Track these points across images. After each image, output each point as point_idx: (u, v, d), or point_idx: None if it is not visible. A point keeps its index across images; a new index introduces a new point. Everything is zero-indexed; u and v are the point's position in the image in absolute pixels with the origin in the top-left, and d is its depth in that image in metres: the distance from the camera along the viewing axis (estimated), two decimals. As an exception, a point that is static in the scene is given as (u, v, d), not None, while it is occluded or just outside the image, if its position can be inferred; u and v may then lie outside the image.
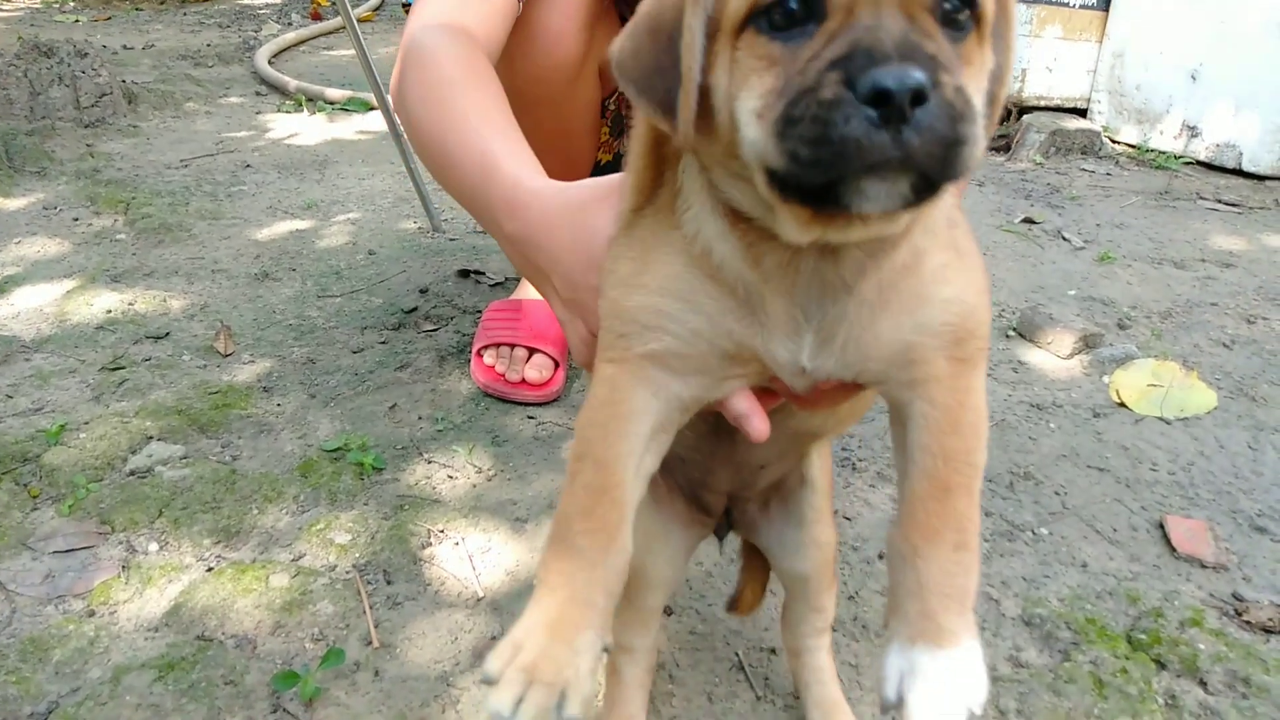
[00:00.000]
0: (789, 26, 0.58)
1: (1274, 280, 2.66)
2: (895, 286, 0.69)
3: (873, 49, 0.53)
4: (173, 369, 1.97)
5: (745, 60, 0.59)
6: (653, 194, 0.74)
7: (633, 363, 0.72)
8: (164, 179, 3.13)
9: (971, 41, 0.61)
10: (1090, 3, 3.91)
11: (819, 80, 0.54)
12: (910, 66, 0.52)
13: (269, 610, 1.34)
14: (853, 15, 0.56)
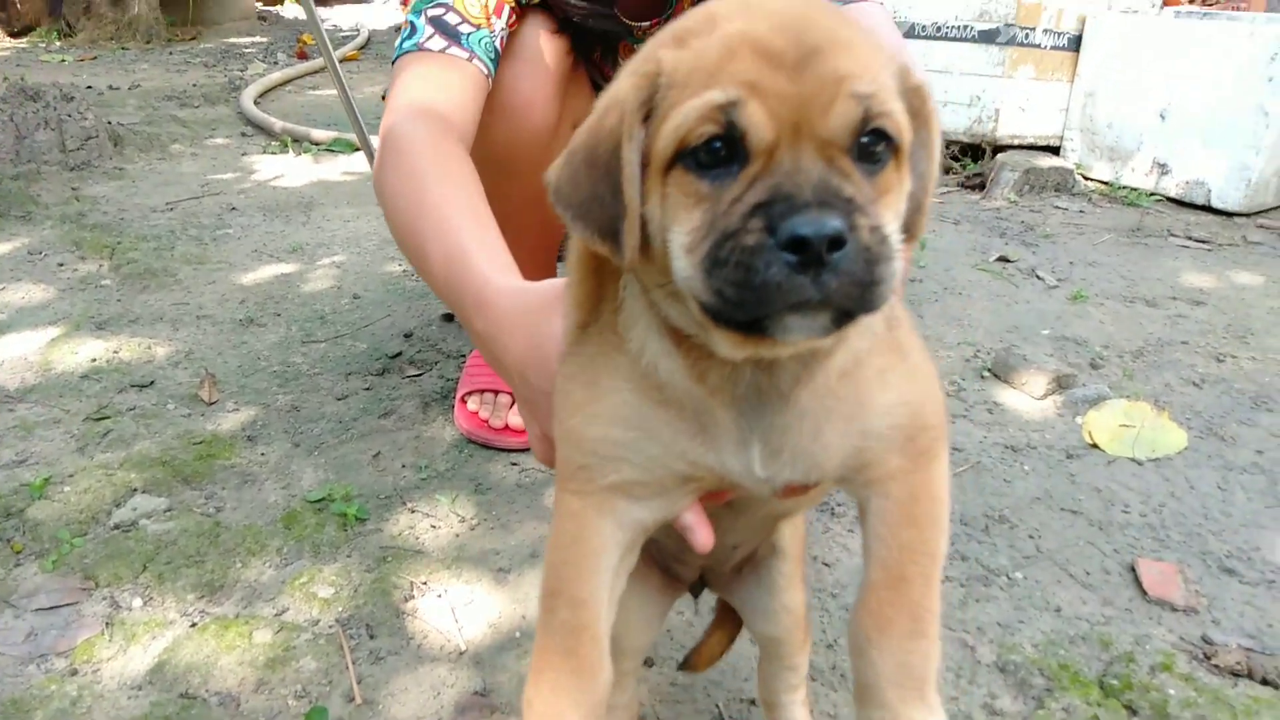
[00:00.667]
0: (715, 165, 0.61)
1: (1242, 318, 2.72)
2: (836, 394, 0.71)
3: (792, 195, 0.56)
4: (157, 418, 1.98)
5: (675, 195, 0.62)
6: (596, 308, 0.76)
7: (596, 495, 0.74)
8: (149, 223, 3.15)
9: (890, 169, 0.63)
10: (1061, 44, 4.00)
11: (742, 225, 0.57)
12: (827, 214, 0.56)
13: (252, 667, 1.35)
14: (774, 159, 0.58)
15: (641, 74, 0.63)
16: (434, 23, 1.48)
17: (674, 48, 0.63)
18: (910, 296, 2.77)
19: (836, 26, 0.61)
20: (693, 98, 0.59)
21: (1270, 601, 1.53)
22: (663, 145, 0.61)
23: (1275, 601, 1.53)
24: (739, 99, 0.58)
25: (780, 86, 0.58)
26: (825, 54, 0.59)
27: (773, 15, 0.60)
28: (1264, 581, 1.58)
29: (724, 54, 0.59)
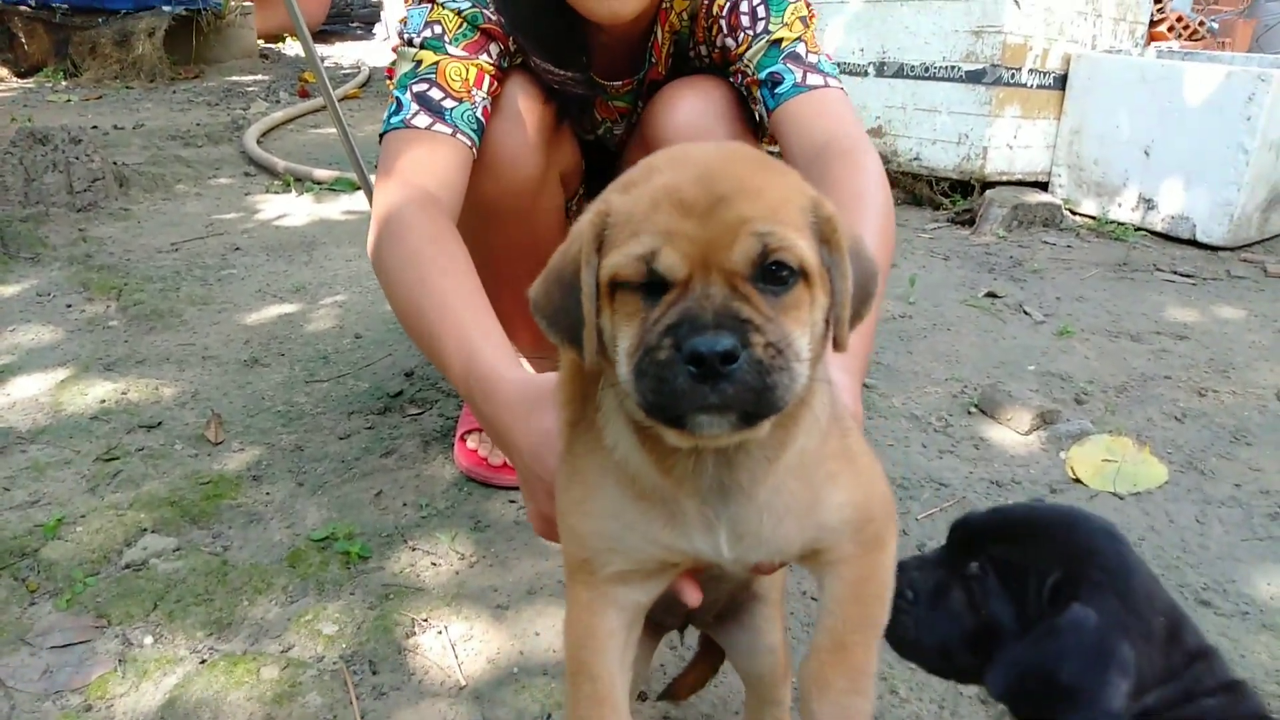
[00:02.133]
0: (647, 296, 0.73)
1: (1224, 352, 2.78)
2: (793, 492, 0.82)
3: (696, 319, 0.68)
4: (165, 459, 2.04)
5: (619, 312, 0.74)
6: (583, 406, 0.87)
7: (600, 587, 0.87)
8: (155, 263, 3.23)
9: (798, 290, 0.73)
10: (1047, 83, 4.11)
11: (658, 342, 0.69)
12: (722, 334, 0.67)
13: (260, 703, 1.40)
14: (688, 286, 0.70)
15: (596, 213, 0.76)
16: (419, 99, 1.56)
17: (620, 193, 0.76)
18: (899, 332, 2.84)
19: (747, 176, 0.73)
20: (626, 242, 0.72)
21: (1244, 633, 1.58)
22: (608, 272, 0.74)
23: (1248, 633, 1.58)
24: (656, 248, 0.70)
25: (691, 231, 0.70)
26: (732, 201, 0.70)
27: (695, 168, 0.73)
28: (1238, 613, 1.63)
29: (650, 205, 0.72)
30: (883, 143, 4.33)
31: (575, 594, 0.88)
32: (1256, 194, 3.70)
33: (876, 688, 0.96)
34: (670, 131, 1.76)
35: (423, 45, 1.59)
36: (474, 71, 1.59)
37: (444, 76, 1.58)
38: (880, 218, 1.36)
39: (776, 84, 1.60)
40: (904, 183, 4.34)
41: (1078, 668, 0.86)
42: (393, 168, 1.50)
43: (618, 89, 1.83)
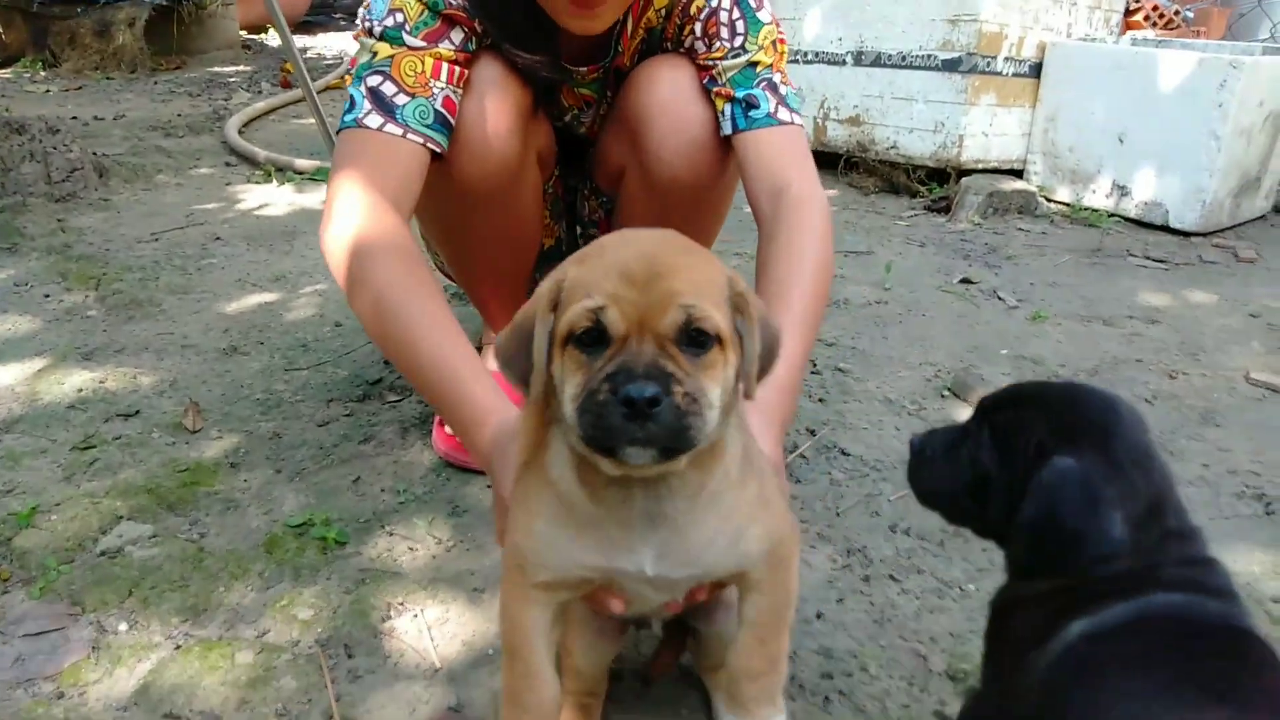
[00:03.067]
0: (592, 345, 0.89)
1: (1195, 336, 2.82)
2: (711, 524, 1.01)
3: (630, 370, 0.85)
4: (143, 447, 2.04)
5: (567, 363, 0.91)
6: (539, 447, 1.04)
7: (529, 588, 1.05)
8: (134, 253, 3.22)
9: (714, 351, 0.90)
10: (1023, 71, 4.13)
11: (598, 387, 0.86)
12: (649, 384, 0.84)
13: (235, 687, 1.41)
14: (625, 344, 0.87)
15: (554, 280, 0.93)
16: (372, 95, 1.57)
17: (576, 265, 0.93)
18: (875, 318, 2.87)
19: (680, 260, 0.90)
20: (579, 301, 0.88)
21: (1206, 609, 1.61)
22: (561, 328, 0.90)
23: (1211, 609, 1.61)
24: (604, 305, 0.87)
25: (632, 297, 0.87)
26: (666, 277, 0.87)
27: (638, 248, 0.91)
28: (1202, 590, 1.66)
29: (601, 274, 0.89)
30: (860, 131, 4.35)
31: (508, 589, 1.07)
32: (1228, 180, 3.74)
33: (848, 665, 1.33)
34: (653, 108, 1.77)
35: (381, 35, 1.59)
36: (430, 63, 1.59)
37: (399, 70, 1.58)
38: (816, 271, 1.53)
39: (752, 106, 1.70)
40: (881, 171, 4.37)
41: (1071, 512, 0.93)
42: (346, 171, 1.53)
43: (584, 75, 1.84)
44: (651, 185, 1.86)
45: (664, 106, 1.77)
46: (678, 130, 1.78)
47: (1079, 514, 0.93)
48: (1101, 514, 0.92)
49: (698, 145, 1.78)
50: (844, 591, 1.64)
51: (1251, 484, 2.00)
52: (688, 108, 1.77)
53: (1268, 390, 2.47)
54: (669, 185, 1.83)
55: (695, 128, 1.77)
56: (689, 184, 1.83)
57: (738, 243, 3.41)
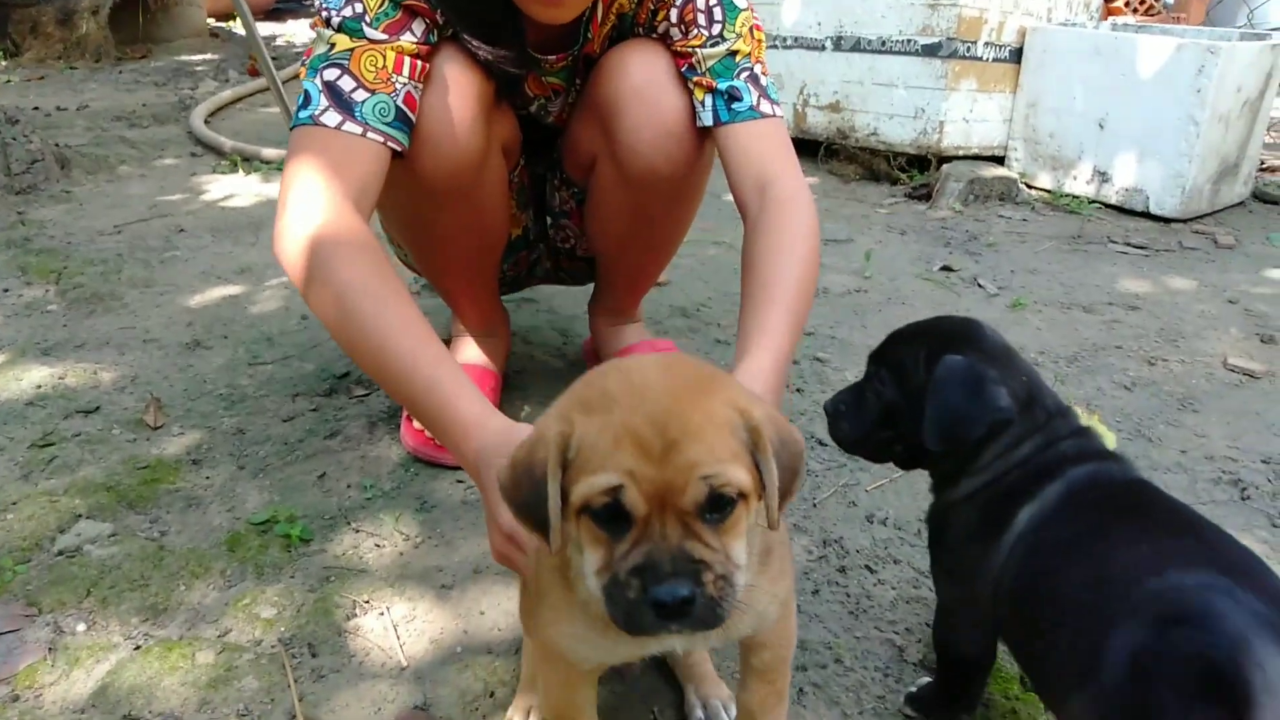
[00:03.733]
0: (610, 520, 0.85)
1: (1175, 322, 2.81)
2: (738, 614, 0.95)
3: (658, 566, 0.82)
4: (102, 444, 1.98)
5: (584, 532, 0.87)
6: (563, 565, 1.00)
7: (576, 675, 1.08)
8: (97, 246, 3.14)
9: (738, 509, 0.86)
10: (1003, 56, 4.11)
11: (626, 580, 0.83)
12: (681, 583, 0.81)
13: (195, 687, 1.36)
14: (648, 525, 0.83)
15: (561, 433, 0.86)
16: (329, 90, 1.49)
17: (583, 415, 0.86)
18: (854, 307, 2.84)
19: (692, 412, 0.84)
20: (594, 474, 0.83)
21: (1187, 596, 1.59)
22: (575, 499, 0.85)
23: (1191, 596, 1.59)
24: (622, 485, 0.82)
25: (650, 474, 0.82)
26: (682, 445, 0.82)
27: (648, 406, 0.84)
28: (1182, 577, 1.65)
29: (613, 443, 0.83)
30: (840, 118, 4.32)
31: (550, 672, 1.09)
32: (1207, 166, 3.74)
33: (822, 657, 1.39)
34: (625, 96, 1.73)
35: (340, 27, 1.51)
36: (392, 57, 1.52)
37: (358, 64, 1.50)
38: (802, 270, 1.49)
39: (734, 99, 1.66)
40: (862, 158, 4.34)
41: (961, 393, 1.13)
42: (301, 171, 1.45)
43: (552, 64, 1.78)
44: (625, 176, 1.81)
45: (637, 94, 1.72)
46: (652, 119, 1.73)
47: (971, 393, 1.13)
48: (989, 390, 1.13)
49: (673, 134, 1.74)
50: (819, 583, 1.61)
51: (1228, 469, 1.99)
52: (662, 95, 1.72)
53: (1245, 376, 2.46)
54: (644, 175, 1.79)
55: (670, 116, 1.73)
56: (665, 174, 1.78)
57: (717, 230, 3.37)
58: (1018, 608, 1.09)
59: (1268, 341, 2.67)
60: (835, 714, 1.34)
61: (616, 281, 2.18)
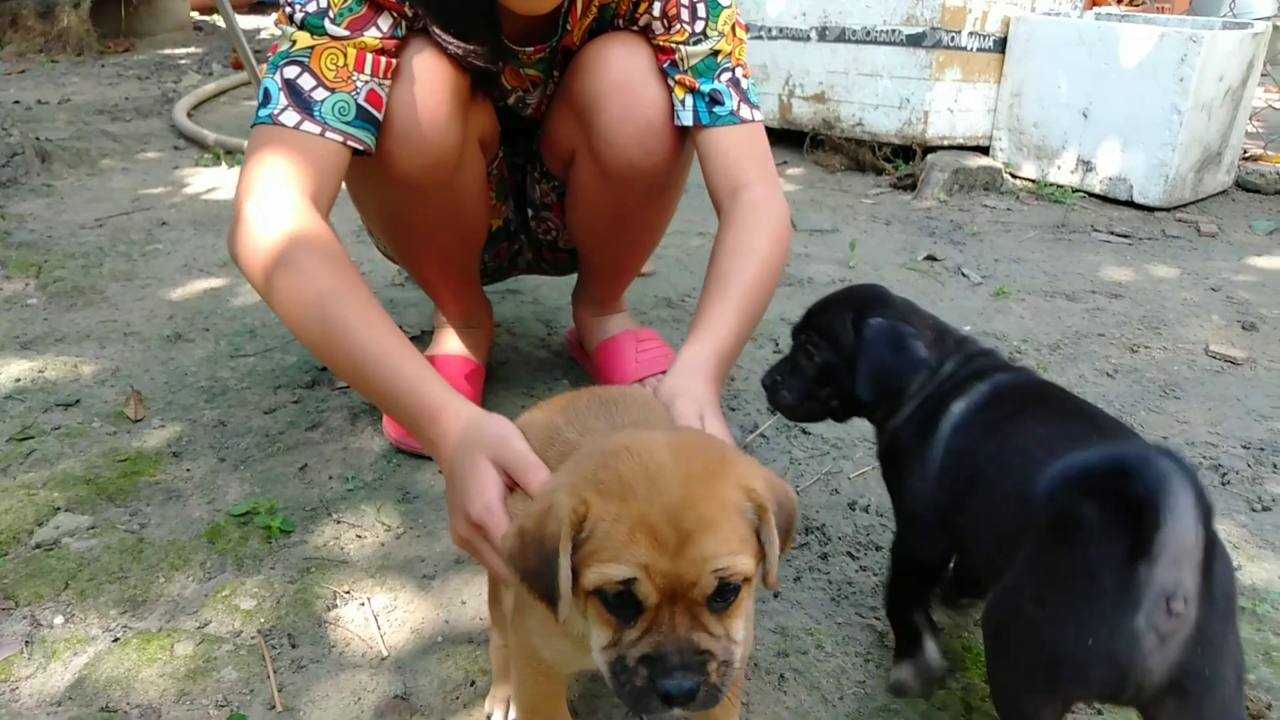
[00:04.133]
0: (621, 606, 0.87)
1: (1157, 309, 2.82)
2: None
3: (665, 659, 0.84)
4: (82, 437, 1.97)
5: (594, 612, 0.89)
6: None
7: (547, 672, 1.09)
8: (78, 240, 3.12)
9: (742, 592, 0.89)
10: (987, 46, 4.11)
11: (634, 668, 0.86)
12: (687, 676, 0.84)
13: (173, 679, 1.36)
14: (659, 614, 0.85)
15: (575, 511, 0.87)
16: (289, 88, 1.48)
17: (599, 498, 0.87)
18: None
19: (705, 508, 0.86)
20: (608, 563, 0.85)
21: (1165, 580, 1.60)
22: (587, 583, 0.86)
23: (1170, 579, 1.60)
24: (636, 577, 0.84)
25: (663, 567, 0.83)
26: (695, 538, 0.84)
27: (663, 497, 0.85)
28: (1161, 561, 1.65)
29: (629, 534, 0.84)
30: (825, 108, 4.32)
31: (528, 672, 1.10)
32: (1190, 155, 3.75)
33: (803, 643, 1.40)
34: (605, 90, 1.72)
35: (302, 24, 1.49)
36: (353, 55, 1.50)
37: (319, 62, 1.49)
38: (761, 268, 1.53)
39: (716, 102, 1.68)
40: (847, 149, 4.34)
41: (888, 350, 1.32)
42: (259, 170, 1.44)
43: (529, 55, 1.77)
44: (604, 171, 1.80)
45: (616, 89, 1.71)
46: (631, 114, 1.72)
47: (896, 349, 1.32)
48: (909, 344, 1.32)
49: (652, 129, 1.73)
50: (801, 569, 1.61)
51: (1209, 455, 2.00)
52: (641, 90, 1.71)
53: (1226, 362, 2.47)
54: (623, 170, 1.78)
55: (649, 111, 1.71)
56: (644, 169, 1.78)
57: (702, 223, 3.37)
58: (955, 479, 1.24)
59: (1249, 329, 2.68)
60: (816, 698, 1.34)
61: (599, 273, 2.18)
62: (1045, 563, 1.02)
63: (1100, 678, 0.96)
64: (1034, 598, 1.02)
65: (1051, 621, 0.99)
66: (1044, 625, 1.00)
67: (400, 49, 1.58)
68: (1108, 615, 0.94)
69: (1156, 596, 0.91)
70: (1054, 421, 1.19)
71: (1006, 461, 1.17)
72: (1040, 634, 1.00)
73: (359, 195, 1.88)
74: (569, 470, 0.94)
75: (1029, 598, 1.03)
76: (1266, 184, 4.07)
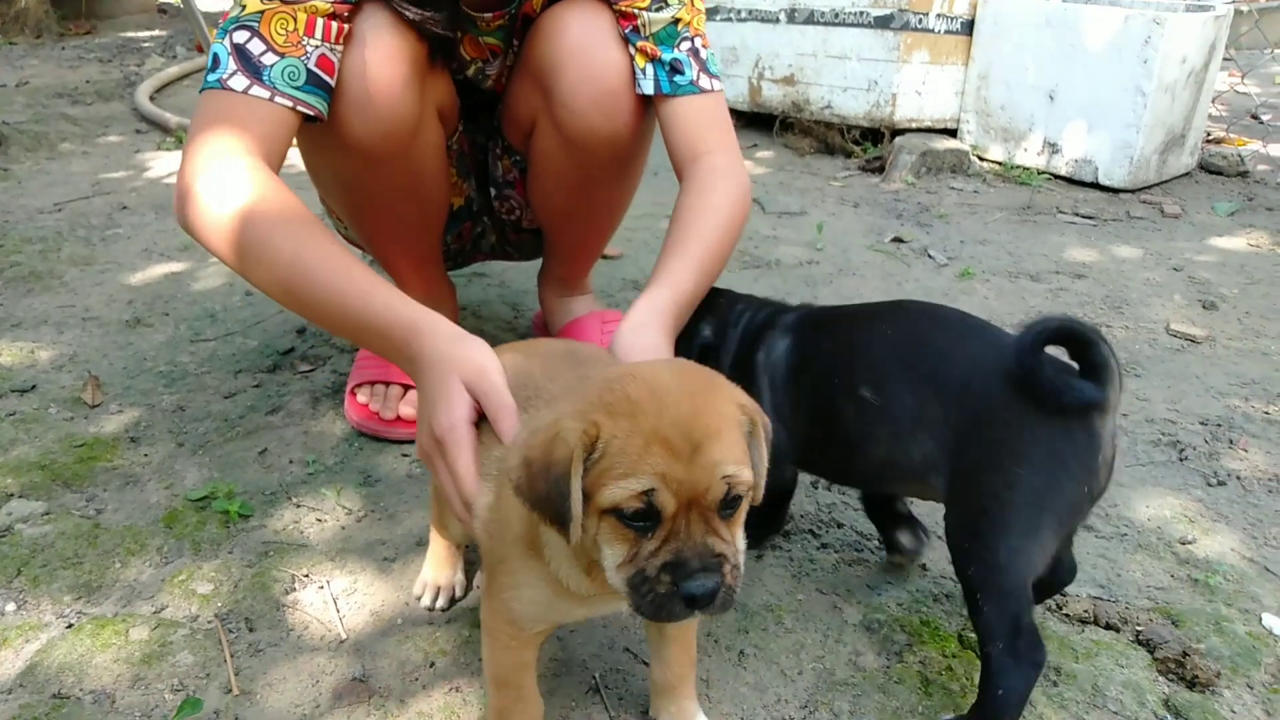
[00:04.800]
0: (637, 519, 0.90)
1: (1120, 289, 2.85)
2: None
3: (687, 563, 0.89)
4: (38, 423, 1.94)
5: (608, 530, 0.92)
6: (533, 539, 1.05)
7: (524, 638, 1.12)
8: (36, 224, 3.06)
9: (744, 502, 0.94)
10: (954, 28, 4.12)
11: (656, 576, 0.90)
12: (709, 577, 0.89)
13: (128, 664, 1.34)
14: (675, 523, 0.89)
15: (585, 432, 0.90)
16: (238, 52, 1.47)
17: (608, 418, 0.90)
18: (806, 278, 2.85)
19: (710, 419, 0.90)
20: (624, 478, 0.88)
21: (1121, 553, 1.63)
22: (604, 501, 0.90)
23: (1125, 552, 1.63)
24: (655, 487, 0.88)
25: (679, 474, 0.88)
26: (705, 446, 0.88)
27: (672, 410, 0.89)
28: (1117, 535, 1.68)
29: (643, 446, 0.88)
30: (795, 91, 4.31)
31: (499, 638, 1.12)
32: (1154, 136, 3.78)
33: (763, 619, 1.43)
34: (563, 55, 1.70)
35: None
36: (303, 19, 1.48)
37: (269, 27, 1.47)
38: (719, 228, 1.56)
39: (676, 71, 1.69)
40: (816, 131, 4.34)
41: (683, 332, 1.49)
42: (207, 135, 1.43)
43: (488, 22, 1.75)
44: (566, 138, 1.79)
45: (576, 53, 1.70)
46: (591, 77, 1.70)
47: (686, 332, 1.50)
48: (698, 328, 1.51)
49: (612, 92, 1.71)
50: (763, 547, 1.62)
51: (1167, 431, 2.03)
52: (602, 54, 1.69)
53: (1186, 341, 2.50)
54: (584, 135, 1.76)
55: (609, 74, 1.70)
56: (605, 134, 1.76)
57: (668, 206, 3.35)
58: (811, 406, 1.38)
59: (1209, 308, 2.71)
60: (775, 673, 1.35)
61: (563, 251, 2.17)
62: (1018, 436, 1.15)
63: (1085, 510, 1.20)
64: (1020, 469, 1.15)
65: (1049, 475, 1.14)
66: (1041, 487, 1.14)
67: (354, 14, 1.56)
68: (1085, 457, 1.14)
69: (1107, 436, 1.15)
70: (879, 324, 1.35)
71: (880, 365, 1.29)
72: (1038, 490, 1.14)
73: (315, 168, 1.85)
74: (565, 401, 0.96)
75: (1014, 472, 1.15)
76: (1229, 166, 4.11)
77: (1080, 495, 1.16)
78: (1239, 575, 1.57)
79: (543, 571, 1.04)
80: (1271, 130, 4.64)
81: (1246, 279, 2.93)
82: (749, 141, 4.47)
